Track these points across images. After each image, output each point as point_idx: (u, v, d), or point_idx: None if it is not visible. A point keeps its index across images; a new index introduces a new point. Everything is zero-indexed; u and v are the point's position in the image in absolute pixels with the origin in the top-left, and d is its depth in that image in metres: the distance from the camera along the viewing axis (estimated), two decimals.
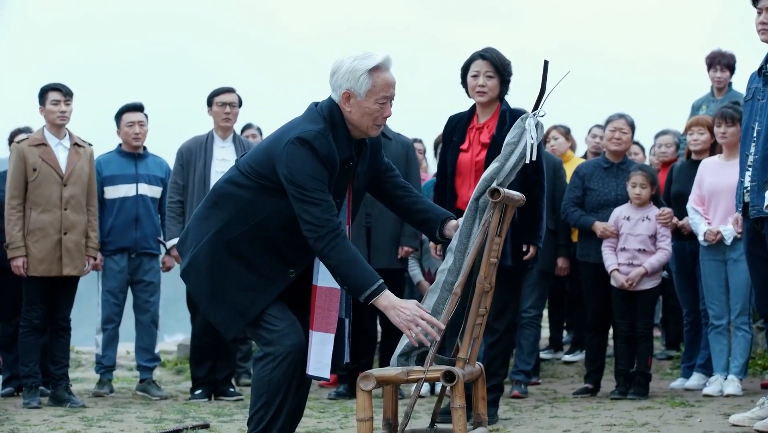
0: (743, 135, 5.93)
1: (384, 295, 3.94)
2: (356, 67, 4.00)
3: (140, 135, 7.83)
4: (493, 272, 4.09)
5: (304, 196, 3.93)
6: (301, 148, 3.95)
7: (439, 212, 4.30)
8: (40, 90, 7.31)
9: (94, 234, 7.26)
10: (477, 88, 6.00)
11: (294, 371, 4.06)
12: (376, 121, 4.07)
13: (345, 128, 4.05)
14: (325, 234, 3.92)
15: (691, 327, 7.56)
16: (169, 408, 6.92)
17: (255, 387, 4.11)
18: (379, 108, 4.03)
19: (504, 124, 5.93)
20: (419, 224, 4.36)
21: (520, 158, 4.09)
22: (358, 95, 4.01)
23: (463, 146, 6.02)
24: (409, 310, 3.92)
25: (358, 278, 3.93)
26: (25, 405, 6.96)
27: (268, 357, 4.04)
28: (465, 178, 5.98)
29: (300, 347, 4.05)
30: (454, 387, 3.91)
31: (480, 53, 6.04)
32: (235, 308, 4.07)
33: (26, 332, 7.12)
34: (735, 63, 8.26)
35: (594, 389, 7.32)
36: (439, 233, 4.26)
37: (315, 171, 3.94)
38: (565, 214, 7.38)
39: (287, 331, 4.04)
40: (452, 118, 6.16)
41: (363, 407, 3.98)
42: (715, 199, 7.06)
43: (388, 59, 4.04)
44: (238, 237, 4.07)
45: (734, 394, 6.84)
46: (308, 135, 3.96)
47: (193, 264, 4.15)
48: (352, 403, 7.07)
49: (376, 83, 4.01)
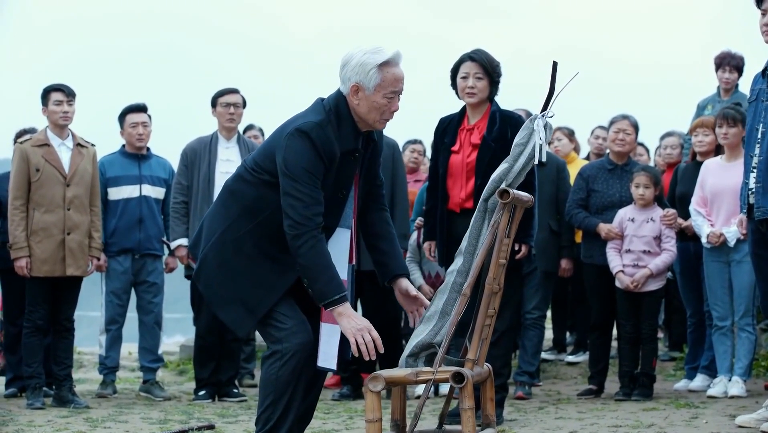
0: (747, 136, 5.93)
1: (343, 305, 3.98)
2: (366, 61, 4.02)
3: (144, 136, 7.83)
4: (501, 273, 4.08)
5: (293, 189, 3.96)
6: (299, 139, 3.98)
7: (395, 264, 4.29)
8: (42, 91, 7.31)
9: (97, 234, 7.26)
10: (466, 90, 6.02)
11: (302, 370, 4.05)
12: (383, 116, 4.09)
13: (351, 120, 4.07)
14: (304, 233, 3.94)
15: (694, 328, 7.56)
16: (173, 409, 6.91)
17: (263, 386, 4.11)
18: (387, 102, 4.05)
19: (494, 125, 5.95)
20: (374, 262, 4.36)
21: (529, 159, 4.08)
22: (367, 89, 4.03)
23: (454, 148, 6.04)
24: (361, 322, 3.98)
25: (326, 284, 3.96)
26: (28, 406, 6.95)
27: (275, 355, 4.04)
28: (457, 179, 6.00)
29: (307, 346, 4.05)
30: (464, 388, 3.90)
31: (469, 55, 6.06)
32: (245, 305, 4.08)
33: (30, 332, 7.12)
34: (744, 65, 8.26)
35: (598, 390, 7.31)
36: (387, 284, 4.31)
37: (310, 164, 3.97)
38: (569, 215, 7.38)
39: (296, 329, 4.04)
40: (443, 120, 6.19)
41: (372, 408, 3.97)
42: (717, 200, 7.06)
43: (398, 54, 4.06)
44: (246, 234, 4.09)
45: (738, 395, 6.84)
46: (307, 126, 3.99)
47: (203, 265, 4.17)
48: (357, 404, 7.07)
49: (385, 78, 4.03)
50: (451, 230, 5.98)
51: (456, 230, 5.95)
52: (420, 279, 7.80)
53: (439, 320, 4.10)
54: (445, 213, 6.01)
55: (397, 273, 4.28)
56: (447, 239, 5.96)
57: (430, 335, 4.09)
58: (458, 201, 5.98)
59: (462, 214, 5.95)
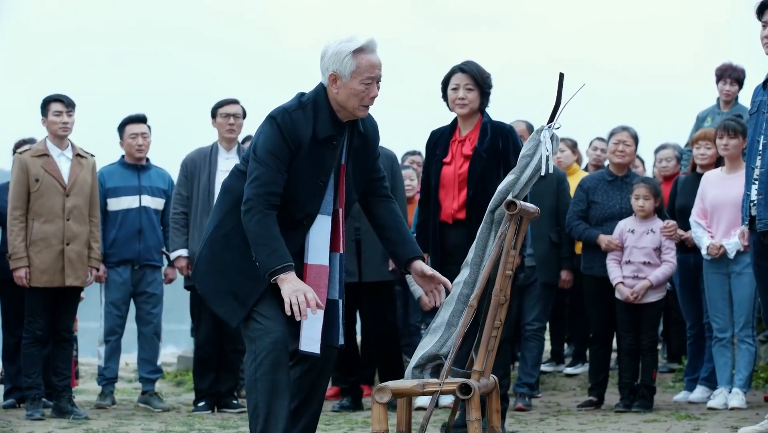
0: (749, 148, 5.94)
1: (286, 273, 4.03)
2: (341, 50, 4.15)
3: (143, 147, 7.82)
4: (508, 285, 4.08)
5: (255, 170, 4.10)
6: (267, 125, 4.16)
7: (406, 249, 4.38)
8: (42, 101, 7.30)
9: (96, 245, 7.25)
10: (457, 101, 6.04)
11: (278, 367, 4.09)
12: (363, 102, 4.18)
13: (329, 109, 4.18)
14: (252, 207, 4.07)
15: (694, 340, 7.56)
16: (173, 420, 6.89)
17: (246, 393, 4.18)
18: (365, 88, 4.15)
19: (485, 135, 5.98)
20: (388, 252, 4.51)
21: (536, 171, 4.09)
22: (344, 77, 4.14)
23: (445, 159, 6.06)
24: (300, 286, 4.01)
25: (268, 256, 4.03)
26: (28, 417, 6.92)
27: (251, 356, 4.13)
28: (449, 191, 6.00)
29: (278, 344, 4.10)
30: (470, 400, 3.91)
31: (459, 66, 6.08)
32: (236, 297, 4.18)
33: (29, 343, 7.10)
34: (744, 77, 8.27)
35: (598, 401, 7.31)
36: (404, 270, 4.40)
37: (274, 146, 4.11)
38: (569, 227, 7.39)
39: (270, 329, 4.11)
40: (434, 132, 6.21)
41: (378, 419, 3.98)
42: (717, 212, 7.06)
43: (372, 41, 4.18)
44: (234, 228, 4.20)
45: (739, 407, 6.83)
46: (274, 112, 4.17)
47: (198, 263, 4.33)
48: (356, 415, 7.05)
49: (360, 64, 4.14)
50: (443, 241, 5.98)
51: (449, 241, 5.95)
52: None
53: (445, 332, 4.10)
54: (438, 225, 6.02)
55: (410, 257, 4.35)
56: (440, 250, 5.96)
57: (437, 347, 4.09)
58: (450, 212, 5.99)
59: (454, 226, 5.95)
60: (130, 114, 7.91)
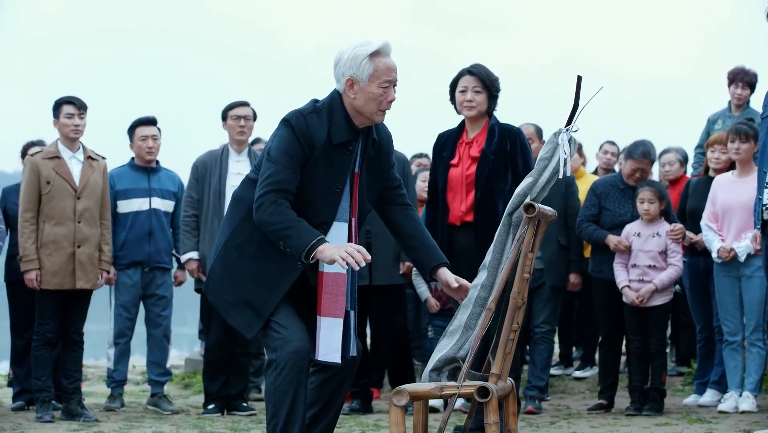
0: (761, 152, 5.93)
1: (323, 245, 3.99)
2: (357, 54, 4.12)
3: (153, 149, 7.82)
4: (526, 288, 4.08)
5: (267, 170, 4.07)
6: (282, 128, 4.13)
7: (430, 257, 4.34)
8: (54, 103, 7.30)
9: (107, 247, 7.25)
10: (465, 103, 6.06)
11: (298, 378, 4.07)
12: (380, 106, 4.16)
13: (344, 114, 4.16)
14: (263, 201, 4.03)
15: (704, 343, 7.56)
16: (183, 423, 6.88)
17: (266, 399, 4.17)
18: (383, 92, 4.13)
19: (493, 138, 5.98)
20: (412, 261, 4.46)
21: (554, 173, 4.09)
22: (361, 81, 4.11)
23: (453, 161, 6.07)
24: (344, 246, 3.98)
25: (299, 236, 3.99)
26: (37, 419, 6.92)
27: (272, 365, 4.10)
28: (456, 193, 6.01)
29: (300, 354, 4.07)
30: (488, 403, 3.90)
31: (468, 69, 6.10)
32: (252, 307, 4.14)
33: (39, 345, 7.10)
34: (756, 81, 8.27)
35: (608, 405, 7.31)
36: (430, 278, 4.36)
37: (289, 147, 4.08)
38: (579, 229, 7.39)
39: (290, 338, 4.08)
40: (441, 135, 6.22)
41: (396, 422, 3.98)
42: (728, 215, 7.06)
43: (387, 44, 4.16)
44: (248, 238, 4.17)
45: (749, 410, 6.83)
46: (289, 115, 4.14)
47: (210, 275, 4.29)
48: (367, 418, 7.05)
49: (377, 67, 4.12)
50: (452, 244, 5.98)
51: (457, 243, 5.96)
52: (426, 292, 7.80)
53: (463, 334, 4.10)
54: (446, 227, 6.02)
55: (434, 264, 4.31)
56: (448, 252, 5.96)
57: (454, 349, 4.09)
58: (458, 214, 5.99)
59: (462, 228, 5.95)
60: (140, 116, 7.91)
